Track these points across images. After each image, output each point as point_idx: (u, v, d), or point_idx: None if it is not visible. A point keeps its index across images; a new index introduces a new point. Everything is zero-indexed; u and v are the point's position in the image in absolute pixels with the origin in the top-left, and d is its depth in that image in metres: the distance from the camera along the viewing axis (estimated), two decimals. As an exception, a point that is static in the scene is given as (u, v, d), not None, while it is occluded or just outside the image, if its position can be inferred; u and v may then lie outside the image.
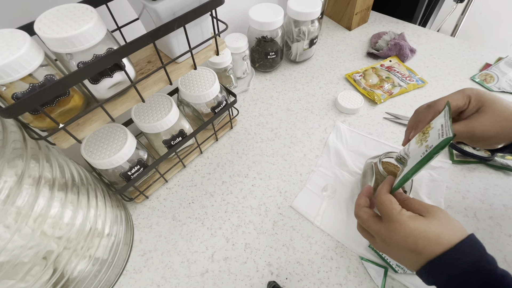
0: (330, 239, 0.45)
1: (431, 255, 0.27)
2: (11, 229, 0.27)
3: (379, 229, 0.31)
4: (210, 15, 0.39)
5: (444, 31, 1.10)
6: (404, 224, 0.29)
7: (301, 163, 0.55)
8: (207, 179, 0.54)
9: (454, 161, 0.52)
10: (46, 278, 0.31)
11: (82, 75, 0.28)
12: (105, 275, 0.40)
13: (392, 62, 0.71)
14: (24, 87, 0.28)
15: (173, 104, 0.46)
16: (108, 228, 0.40)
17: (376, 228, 0.31)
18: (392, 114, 0.61)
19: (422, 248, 0.27)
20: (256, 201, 0.50)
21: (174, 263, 0.44)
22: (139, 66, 0.41)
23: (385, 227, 0.30)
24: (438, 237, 0.27)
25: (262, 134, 0.60)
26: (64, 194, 0.33)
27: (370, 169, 0.46)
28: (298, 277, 0.42)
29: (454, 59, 0.71)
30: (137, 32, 0.37)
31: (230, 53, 0.60)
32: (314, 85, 0.68)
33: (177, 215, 0.49)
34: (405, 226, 0.28)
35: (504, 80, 0.64)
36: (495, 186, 0.49)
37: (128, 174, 0.43)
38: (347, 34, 0.81)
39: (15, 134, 0.30)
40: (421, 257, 0.28)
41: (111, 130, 0.43)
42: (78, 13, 0.29)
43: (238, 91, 0.67)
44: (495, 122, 0.32)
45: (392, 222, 0.29)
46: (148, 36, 0.31)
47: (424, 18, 0.93)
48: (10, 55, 0.26)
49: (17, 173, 0.27)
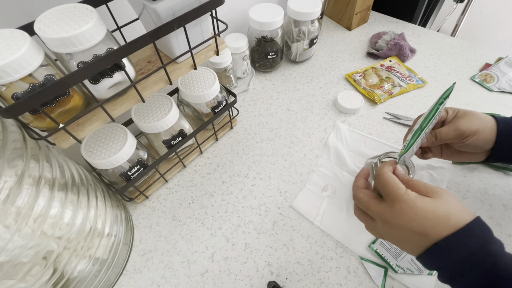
0: (330, 239, 0.45)
1: (438, 237, 0.26)
2: (11, 229, 0.27)
3: (382, 210, 0.29)
4: (210, 15, 0.39)
5: (444, 31, 1.10)
6: (412, 204, 0.27)
7: (301, 163, 0.55)
8: (207, 179, 0.54)
9: (454, 161, 0.52)
10: (46, 278, 0.31)
11: (82, 75, 0.28)
12: (105, 275, 0.40)
13: (392, 62, 0.71)
14: (24, 87, 0.28)
15: (173, 104, 0.46)
16: (108, 228, 0.40)
17: (378, 209, 0.30)
18: (392, 114, 0.61)
19: (430, 229, 0.26)
20: (256, 201, 0.50)
21: (174, 263, 0.44)
22: (139, 66, 0.41)
23: (390, 207, 0.29)
24: (447, 218, 0.26)
25: (262, 134, 0.60)
26: (64, 194, 0.33)
27: (370, 169, 0.46)
28: (298, 277, 0.42)
29: (454, 59, 0.71)
30: (137, 32, 0.37)
31: (230, 53, 0.60)
32: (314, 85, 0.68)
33: (177, 215, 0.49)
34: (413, 206, 0.27)
35: (504, 80, 0.64)
36: (495, 186, 0.49)
37: (128, 174, 0.43)
38: (347, 34, 0.81)
39: (15, 134, 0.30)
40: (427, 239, 0.27)
41: (111, 130, 0.43)
42: (78, 13, 0.29)
43: (238, 91, 0.67)
44: (474, 119, 0.38)
45: (398, 202, 0.28)
46: (148, 36, 0.31)
47: (424, 18, 0.93)
48: (10, 55, 0.26)
49: (17, 173, 0.27)
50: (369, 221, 0.32)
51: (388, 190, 0.29)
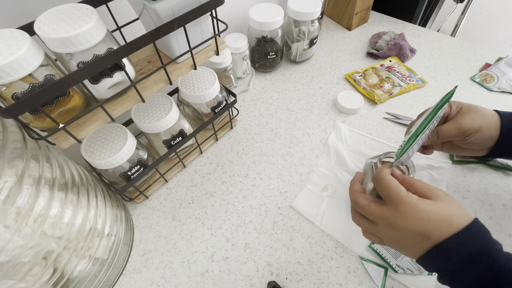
0: (330, 239, 0.45)
1: (439, 238, 0.26)
2: (11, 229, 0.27)
3: (384, 213, 0.29)
4: (210, 15, 0.39)
5: (444, 31, 1.10)
6: (415, 205, 0.28)
7: (301, 163, 0.55)
8: (207, 179, 0.54)
9: (454, 161, 0.52)
10: (46, 278, 0.31)
11: (82, 75, 0.28)
12: (105, 275, 0.40)
13: (392, 62, 0.71)
14: (24, 87, 0.28)
15: (173, 104, 0.46)
16: (108, 228, 0.40)
17: (380, 212, 0.30)
18: (392, 114, 0.61)
19: (431, 230, 0.27)
20: (256, 201, 0.50)
21: (174, 263, 0.44)
22: (139, 66, 0.41)
23: (392, 210, 0.29)
24: (449, 220, 0.27)
25: (262, 134, 0.60)
26: (64, 194, 0.33)
27: (370, 169, 0.46)
28: (298, 277, 0.42)
29: (454, 59, 0.71)
30: (137, 32, 0.37)
31: (230, 53, 0.60)
32: (314, 85, 0.68)
33: (177, 215, 0.49)
34: (416, 208, 0.28)
35: (504, 80, 0.64)
36: (495, 186, 0.49)
37: (128, 174, 0.43)
38: (347, 34, 0.81)
39: (15, 134, 0.30)
40: (428, 241, 0.27)
41: (111, 130, 0.43)
42: (78, 13, 0.29)
43: (238, 91, 0.67)
44: (477, 116, 0.37)
45: (401, 204, 0.28)
46: (148, 36, 0.31)
47: (424, 18, 0.93)
48: (10, 55, 0.26)
49: (17, 173, 0.27)
50: (369, 226, 0.32)
51: (390, 193, 0.29)
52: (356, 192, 0.33)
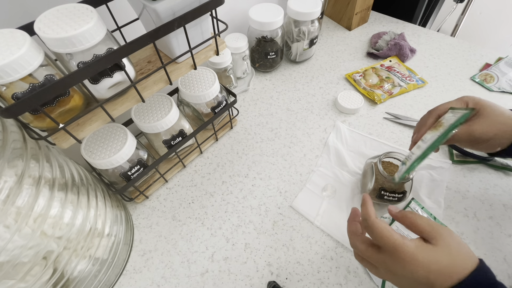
0: (330, 239, 0.45)
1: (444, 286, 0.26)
2: (11, 229, 0.27)
3: (383, 259, 0.28)
4: (210, 15, 0.39)
5: (444, 31, 1.10)
6: (412, 256, 0.26)
7: (301, 163, 0.55)
8: (207, 179, 0.54)
9: (454, 161, 0.52)
10: (46, 278, 0.31)
11: (82, 75, 0.28)
12: (105, 275, 0.40)
13: (392, 62, 0.71)
14: (24, 87, 0.28)
15: (173, 104, 0.46)
16: (108, 228, 0.40)
17: (379, 258, 0.29)
18: (392, 114, 0.61)
19: (434, 280, 0.26)
20: (256, 201, 0.50)
21: (174, 263, 0.44)
22: (139, 66, 0.41)
23: (390, 257, 0.28)
24: (450, 270, 0.26)
25: (262, 134, 0.60)
26: (64, 194, 0.33)
27: (370, 169, 0.46)
28: (298, 277, 0.42)
29: (454, 59, 0.71)
30: (137, 32, 0.37)
31: (230, 53, 0.60)
32: (314, 85, 0.68)
33: (177, 215, 0.49)
34: (414, 257, 0.26)
35: (504, 80, 0.64)
36: (495, 186, 0.49)
37: (128, 174, 0.43)
38: (347, 34, 0.81)
39: (15, 134, 0.30)
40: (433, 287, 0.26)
41: (111, 130, 0.43)
42: (78, 13, 0.29)
43: (238, 91, 0.67)
44: (493, 124, 0.34)
45: (397, 252, 0.27)
46: (148, 36, 0.31)
47: (424, 18, 0.93)
48: (10, 55, 0.26)
49: (17, 173, 0.27)
50: (371, 268, 0.31)
51: (384, 242, 0.28)
52: (354, 235, 0.32)
